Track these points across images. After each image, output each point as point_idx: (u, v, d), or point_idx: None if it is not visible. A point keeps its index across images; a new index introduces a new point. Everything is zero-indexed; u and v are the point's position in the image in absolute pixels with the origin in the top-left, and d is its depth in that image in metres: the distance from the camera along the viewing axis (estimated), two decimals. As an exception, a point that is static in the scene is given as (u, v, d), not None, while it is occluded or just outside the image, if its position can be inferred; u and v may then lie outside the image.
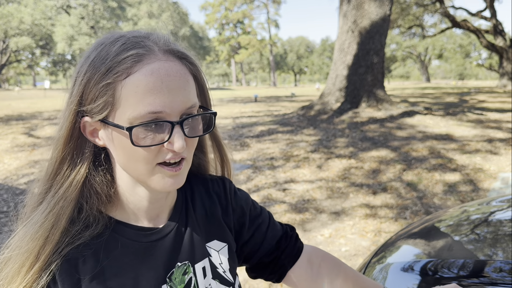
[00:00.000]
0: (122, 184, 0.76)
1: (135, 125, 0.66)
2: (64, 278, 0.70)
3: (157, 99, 0.66)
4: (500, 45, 30.59)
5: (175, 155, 0.70)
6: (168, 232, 0.81)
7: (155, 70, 0.66)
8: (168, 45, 0.72)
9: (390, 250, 1.57)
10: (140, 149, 0.68)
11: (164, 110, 0.66)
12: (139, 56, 0.67)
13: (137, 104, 0.66)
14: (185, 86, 0.70)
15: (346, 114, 10.61)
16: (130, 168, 0.72)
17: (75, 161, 0.73)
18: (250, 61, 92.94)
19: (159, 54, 0.69)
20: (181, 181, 0.74)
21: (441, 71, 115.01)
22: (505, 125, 9.22)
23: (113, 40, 0.71)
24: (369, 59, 11.11)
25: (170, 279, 0.79)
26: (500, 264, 1.26)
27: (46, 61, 58.31)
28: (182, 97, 0.68)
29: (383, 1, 10.90)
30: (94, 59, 0.69)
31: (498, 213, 1.78)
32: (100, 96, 0.68)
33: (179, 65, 0.71)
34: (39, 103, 22.74)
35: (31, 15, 44.21)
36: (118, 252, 0.75)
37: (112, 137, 0.70)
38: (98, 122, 0.70)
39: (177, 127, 0.68)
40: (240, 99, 26.70)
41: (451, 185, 5.25)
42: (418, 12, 37.54)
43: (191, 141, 0.74)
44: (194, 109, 0.72)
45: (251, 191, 5.33)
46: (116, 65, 0.67)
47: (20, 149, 8.27)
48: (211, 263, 0.86)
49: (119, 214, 0.78)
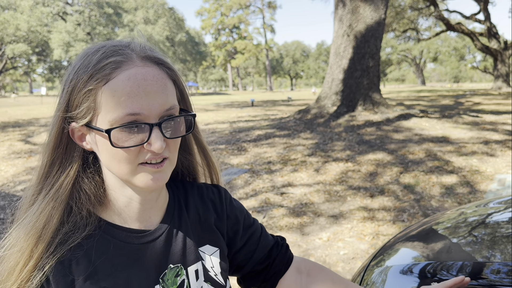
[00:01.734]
0: (111, 185, 0.79)
1: (114, 127, 0.69)
2: (58, 278, 0.72)
3: (135, 102, 0.69)
4: (494, 48, 30.81)
5: (155, 155, 0.73)
6: (160, 234, 0.84)
7: (132, 75, 0.70)
8: (145, 52, 0.75)
9: (389, 253, 1.57)
10: (121, 150, 0.71)
11: (142, 112, 0.70)
12: (117, 63, 0.71)
13: (115, 107, 0.69)
14: (163, 89, 0.73)
15: (343, 118, 10.64)
16: (114, 169, 0.75)
17: (65, 164, 0.77)
18: (246, 66, 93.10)
19: (137, 60, 0.73)
20: (164, 179, 0.76)
21: (436, 74, 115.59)
22: (500, 127, 9.26)
23: (95, 50, 0.75)
24: (365, 62, 11.16)
25: (163, 280, 0.81)
26: (499, 266, 1.26)
27: (43, 67, 58.18)
28: (159, 100, 0.72)
29: (378, 5, 10.97)
30: (78, 68, 0.74)
31: (496, 215, 1.78)
32: (83, 102, 0.72)
33: (156, 70, 0.74)
34: (35, 109, 22.68)
35: (27, 22, 44.17)
36: (110, 253, 0.77)
37: (96, 140, 0.74)
38: (84, 127, 0.74)
39: (156, 129, 0.71)
40: (237, 103, 26.72)
41: (448, 187, 5.26)
42: (412, 15, 37.79)
43: (172, 142, 0.76)
44: (173, 111, 0.75)
45: (249, 196, 5.33)
46: (96, 72, 0.71)
47: (16, 156, 8.24)
48: (204, 266, 0.88)
49: (109, 216, 0.81)
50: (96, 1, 49.30)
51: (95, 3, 49.30)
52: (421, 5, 35.04)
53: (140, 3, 56.44)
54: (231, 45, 69.84)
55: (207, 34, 70.97)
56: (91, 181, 0.78)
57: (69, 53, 45.62)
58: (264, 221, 4.41)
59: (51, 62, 54.73)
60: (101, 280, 0.75)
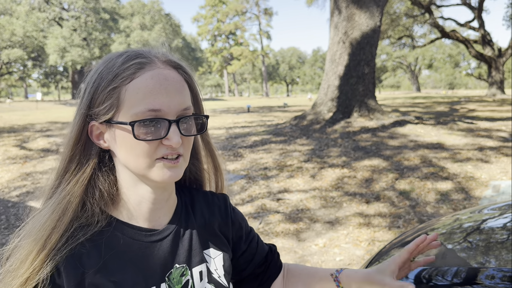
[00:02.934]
0: (124, 183, 0.84)
1: (137, 120, 0.75)
2: (69, 271, 0.75)
3: (156, 99, 0.76)
4: (489, 55, 31.09)
5: (172, 150, 0.78)
6: (167, 234, 0.88)
7: (154, 75, 0.77)
8: (166, 56, 0.83)
9: (385, 259, 1.58)
10: (141, 144, 0.76)
11: (162, 109, 0.76)
12: (141, 64, 0.78)
13: (138, 103, 0.76)
14: (181, 90, 0.80)
15: (339, 124, 10.68)
16: (131, 163, 0.79)
17: (82, 161, 0.82)
18: (242, 72, 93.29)
19: (159, 63, 0.80)
20: (179, 175, 0.81)
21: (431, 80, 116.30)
22: (495, 133, 9.33)
23: (119, 54, 0.82)
24: (360, 69, 11.23)
25: (169, 279, 0.85)
26: (493, 271, 1.28)
27: (38, 73, 58.05)
28: (178, 99, 0.78)
29: (374, 13, 11.06)
30: (102, 70, 0.80)
31: (490, 221, 1.80)
32: (107, 99, 0.78)
33: (175, 73, 0.81)
34: (31, 115, 22.59)
35: (23, 27, 44.10)
36: (120, 250, 0.81)
37: (115, 136, 0.79)
38: (103, 125, 0.80)
39: (174, 125, 0.77)
40: (233, 109, 26.75)
41: (443, 193, 5.29)
42: (407, 23, 38.10)
43: (186, 140, 0.82)
44: (188, 111, 0.81)
45: (245, 201, 5.33)
46: (121, 72, 0.78)
47: (11, 162, 8.20)
48: (208, 269, 0.92)
49: (120, 214, 0.85)
50: (92, 6, 49.32)
51: (91, 8, 49.31)
52: (416, 12, 35.35)
53: (137, 9, 56.57)
54: (227, 51, 70.01)
55: (203, 40, 71.15)
56: (106, 179, 0.83)
57: (64, 58, 45.54)
58: (260, 227, 4.41)
59: (46, 68, 54.61)
60: (110, 274, 0.78)
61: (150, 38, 50.33)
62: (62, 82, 64.86)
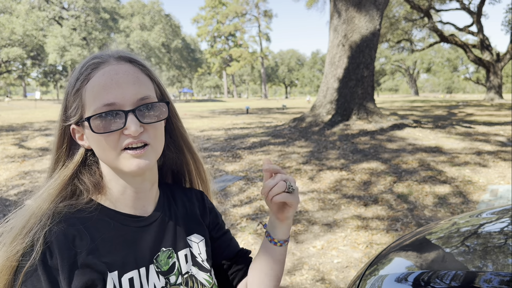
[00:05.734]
0: (107, 175, 0.90)
1: (92, 115, 0.80)
2: (63, 251, 0.79)
3: (109, 93, 0.80)
4: (487, 60, 31.19)
5: (134, 139, 0.82)
6: (153, 221, 0.95)
7: (106, 71, 0.83)
8: (119, 53, 0.88)
9: (383, 262, 1.59)
10: (103, 137, 0.81)
11: (116, 102, 0.80)
12: (96, 64, 0.84)
13: (94, 100, 0.81)
14: (134, 81, 0.84)
15: (337, 126, 10.70)
16: (103, 157, 0.85)
17: (66, 160, 0.90)
18: (241, 74, 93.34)
19: (112, 60, 0.86)
20: (146, 164, 0.84)
21: (430, 84, 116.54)
22: (493, 138, 9.36)
23: (82, 61, 0.89)
24: (360, 72, 11.25)
25: (157, 260, 0.91)
26: (491, 275, 1.29)
27: (37, 71, 57.93)
28: (132, 90, 0.82)
29: (373, 16, 11.09)
30: (71, 77, 0.88)
31: (488, 225, 1.81)
32: (74, 102, 0.85)
33: (129, 66, 0.86)
34: (29, 114, 22.56)
35: (23, 25, 44.05)
36: (110, 233, 0.87)
37: (86, 134, 0.86)
38: (80, 126, 0.86)
39: (131, 114, 0.81)
40: (232, 110, 26.76)
41: (441, 197, 5.31)
42: (406, 26, 38.19)
43: (150, 128, 0.85)
44: (147, 100, 0.84)
45: (243, 203, 5.33)
46: (80, 75, 0.85)
47: (10, 160, 8.19)
48: (191, 253, 0.99)
49: (108, 201, 0.91)
50: (92, 6, 49.30)
51: (91, 8, 49.30)
52: (415, 16, 35.45)
53: (137, 9, 56.58)
54: (226, 52, 70.03)
55: (203, 41, 71.22)
56: (90, 173, 0.91)
57: (64, 57, 45.49)
58: (258, 228, 4.41)
59: (45, 67, 54.54)
60: (102, 256, 0.83)
61: (149, 39, 50.33)
62: (61, 81, 64.69)
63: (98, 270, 0.80)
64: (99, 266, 0.81)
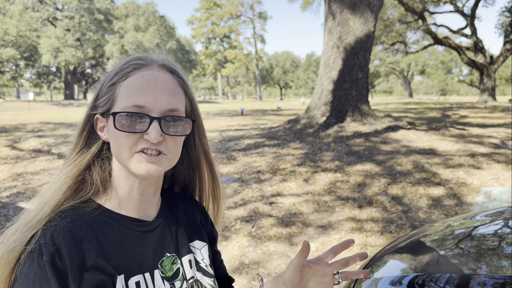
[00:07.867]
0: (116, 173, 0.90)
1: (119, 111, 0.82)
2: (72, 253, 0.78)
3: (142, 97, 0.82)
4: (481, 62, 31.43)
5: (151, 145, 0.82)
6: (157, 226, 0.95)
7: (146, 75, 0.85)
8: (163, 61, 0.90)
9: (378, 265, 1.58)
10: (122, 135, 0.82)
11: (146, 106, 0.82)
12: (138, 65, 0.87)
13: (126, 99, 0.83)
14: (169, 92, 0.85)
15: (332, 128, 10.71)
16: (116, 154, 0.86)
17: (84, 148, 0.91)
18: (236, 75, 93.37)
19: (155, 66, 0.87)
20: (156, 171, 0.84)
21: (424, 86, 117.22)
22: (487, 140, 9.42)
23: (126, 58, 0.91)
24: (354, 74, 11.28)
25: (161, 266, 0.91)
26: (485, 278, 1.29)
27: (31, 72, 57.58)
28: (164, 99, 0.84)
29: (368, 18, 11.13)
30: (109, 71, 0.90)
31: (482, 228, 1.81)
32: (106, 93, 0.87)
33: (169, 76, 0.88)
34: (22, 115, 22.39)
35: (16, 26, 43.77)
36: (115, 237, 0.87)
37: (108, 127, 0.87)
38: (104, 117, 0.88)
39: (155, 121, 0.82)
40: (226, 112, 26.74)
41: (436, 199, 5.32)
42: (401, 29, 38.41)
43: (170, 140, 0.86)
44: (175, 113, 0.85)
45: (238, 205, 5.32)
46: (120, 71, 0.87)
47: (2, 162, 8.11)
48: (195, 259, 0.99)
49: (113, 205, 0.90)
50: (86, 7, 49.11)
51: (85, 9, 49.11)
52: (409, 18, 35.67)
53: (131, 10, 56.40)
54: (221, 54, 70.01)
55: (197, 42, 71.08)
56: (102, 167, 0.91)
57: (58, 58, 45.24)
58: (252, 230, 4.40)
59: (39, 68, 54.23)
60: (109, 258, 0.83)
61: (144, 40, 50.16)
62: (55, 82, 64.39)
63: (107, 272, 0.81)
64: (108, 268, 0.81)
